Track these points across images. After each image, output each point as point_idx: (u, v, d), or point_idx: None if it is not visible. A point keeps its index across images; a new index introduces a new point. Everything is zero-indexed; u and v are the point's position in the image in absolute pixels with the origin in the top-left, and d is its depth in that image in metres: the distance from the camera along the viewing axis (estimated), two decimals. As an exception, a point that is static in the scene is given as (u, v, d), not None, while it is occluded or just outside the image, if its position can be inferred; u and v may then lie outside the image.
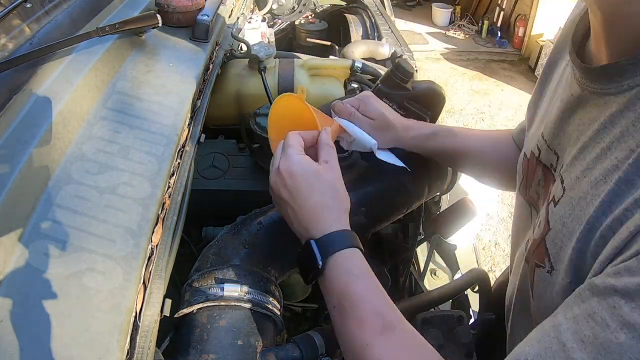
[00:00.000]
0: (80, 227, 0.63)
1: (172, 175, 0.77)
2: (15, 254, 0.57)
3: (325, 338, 0.74)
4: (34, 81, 0.78)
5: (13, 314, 0.52)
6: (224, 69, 1.24)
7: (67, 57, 0.86)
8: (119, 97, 0.85)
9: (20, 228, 0.60)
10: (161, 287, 0.63)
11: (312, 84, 1.29)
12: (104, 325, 0.54)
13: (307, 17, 2.27)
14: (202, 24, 1.12)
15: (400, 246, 1.24)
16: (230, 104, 1.24)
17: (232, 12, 1.46)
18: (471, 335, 0.93)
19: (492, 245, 3.05)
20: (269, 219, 0.81)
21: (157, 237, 0.67)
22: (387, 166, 0.85)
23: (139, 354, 0.55)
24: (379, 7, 2.09)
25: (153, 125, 0.82)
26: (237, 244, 0.76)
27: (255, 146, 1.10)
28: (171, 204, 0.73)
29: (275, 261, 0.78)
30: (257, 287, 0.70)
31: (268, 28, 1.90)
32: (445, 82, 5.15)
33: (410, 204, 0.96)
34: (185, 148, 0.84)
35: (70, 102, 0.77)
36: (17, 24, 0.93)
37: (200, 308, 0.67)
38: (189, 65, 1.02)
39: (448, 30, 6.35)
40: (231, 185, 1.06)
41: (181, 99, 0.91)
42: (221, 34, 1.27)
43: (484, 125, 4.37)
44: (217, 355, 0.62)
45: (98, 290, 0.57)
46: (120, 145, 0.76)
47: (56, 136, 0.71)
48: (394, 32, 1.80)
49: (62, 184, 0.67)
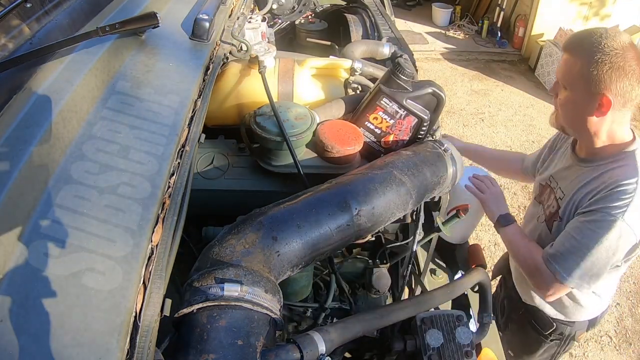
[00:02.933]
0: (80, 227, 0.63)
1: (172, 175, 0.77)
2: (15, 254, 0.57)
3: (325, 338, 0.74)
4: (34, 81, 0.78)
5: (13, 313, 0.52)
6: (224, 69, 1.23)
7: (67, 57, 0.86)
8: (119, 97, 0.85)
9: (20, 227, 0.60)
10: (161, 287, 0.63)
11: (312, 84, 1.29)
12: (104, 325, 0.54)
13: (307, 17, 2.27)
14: (202, 24, 1.12)
15: (400, 246, 1.24)
16: (230, 104, 1.24)
17: (232, 12, 1.46)
18: (471, 335, 0.93)
19: (492, 245, 3.05)
20: (269, 218, 0.81)
21: (157, 237, 0.67)
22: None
23: (139, 354, 0.55)
24: (379, 7, 2.09)
25: (153, 125, 0.82)
26: (237, 243, 0.76)
27: (255, 146, 1.09)
28: (171, 204, 0.73)
29: (275, 261, 0.78)
30: (257, 287, 0.70)
31: (268, 28, 1.90)
32: (445, 82, 5.15)
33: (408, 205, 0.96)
34: (185, 148, 0.84)
35: (70, 102, 0.77)
36: (17, 24, 0.93)
37: (200, 308, 0.66)
38: (189, 65, 1.02)
39: (448, 30, 6.36)
40: (231, 185, 1.06)
41: (181, 99, 0.91)
42: (221, 34, 1.27)
43: (484, 125, 4.38)
44: (217, 355, 0.62)
45: (98, 290, 0.57)
46: (120, 145, 0.76)
47: (56, 136, 0.71)
48: (394, 32, 1.80)
49: (62, 184, 0.67)
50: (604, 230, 1.09)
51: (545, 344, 1.52)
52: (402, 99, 1.08)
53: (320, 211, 0.84)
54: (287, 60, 1.30)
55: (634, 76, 1.06)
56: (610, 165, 1.17)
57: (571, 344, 1.51)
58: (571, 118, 1.19)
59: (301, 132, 1.03)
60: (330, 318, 1.15)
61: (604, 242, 1.09)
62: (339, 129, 1.08)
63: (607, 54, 1.06)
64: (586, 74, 1.08)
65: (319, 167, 1.07)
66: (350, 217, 0.86)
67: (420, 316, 0.96)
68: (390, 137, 1.13)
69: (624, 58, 1.05)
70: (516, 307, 1.57)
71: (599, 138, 1.17)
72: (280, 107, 1.07)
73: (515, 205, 3.23)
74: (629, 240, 1.10)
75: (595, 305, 1.40)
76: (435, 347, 0.92)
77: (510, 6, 5.85)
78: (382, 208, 0.91)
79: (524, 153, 1.74)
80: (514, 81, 5.28)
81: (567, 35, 4.74)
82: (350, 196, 0.87)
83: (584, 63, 1.09)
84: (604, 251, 1.10)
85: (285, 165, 1.05)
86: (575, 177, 1.24)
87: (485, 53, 5.82)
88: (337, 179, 0.94)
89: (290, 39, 2.32)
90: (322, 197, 0.87)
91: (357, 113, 1.14)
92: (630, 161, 1.14)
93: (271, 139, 1.01)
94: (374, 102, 1.10)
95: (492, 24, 6.07)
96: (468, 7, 6.60)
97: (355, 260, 1.28)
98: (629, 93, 1.08)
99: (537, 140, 4.17)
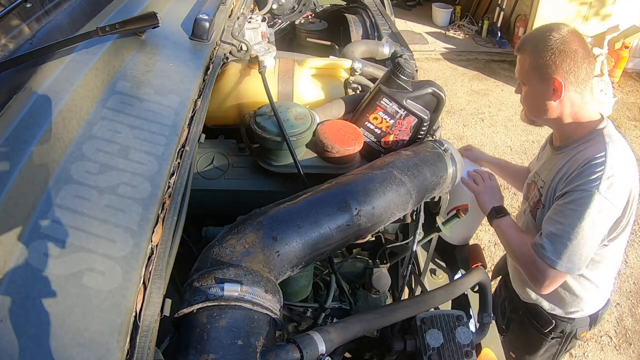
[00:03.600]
0: (80, 227, 0.63)
1: (172, 175, 0.77)
2: (15, 254, 0.57)
3: (325, 338, 0.74)
4: (34, 81, 0.78)
5: (13, 313, 0.52)
6: (224, 69, 1.23)
7: (67, 57, 0.86)
8: (119, 97, 0.85)
9: (20, 227, 0.60)
10: (161, 287, 0.63)
11: (312, 84, 1.29)
12: (104, 325, 0.54)
13: (307, 17, 2.27)
14: (202, 24, 1.12)
15: (400, 246, 1.24)
16: (230, 104, 1.24)
17: (232, 12, 1.46)
18: (471, 335, 0.93)
19: (492, 245, 3.05)
20: (269, 218, 0.81)
21: (157, 237, 0.67)
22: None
23: (139, 354, 0.55)
24: (379, 7, 2.09)
25: (153, 125, 0.82)
26: (237, 243, 0.76)
27: (255, 146, 1.09)
28: (171, 204, 0.73)
29: (275, 261, 0.78)
30: (257, 287, 0.70)
31: (268, 28, 1.90)
32: (445, 82, 5.15)
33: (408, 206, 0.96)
34: (185, 148, 0.84)
35: (70, 102, 0.77)
36: (17, 24, 0.93)
37: (200, 308, 0.66)
38: (189, 65, 1.02)
39: (448, 30, 6.35)
40: (231, 185, 1.06)
41: (181, 99, 0.91)
42: (221, 34, 1.27)
43: (484, 125, 4.38)
44: (217, 355, 0.62)
45: (98, 290, 0.57)
46: (120, 145, 0.76)
47: (56, 136, 0.71)
48: (394, 32, 1.80)
49: (62, 184, 0.67)
50: (583, 207, 1.12)
51: (546, 343, 1.52)
52: (402, 99, 1.08)
53: (320, 211, 0.84)
54: (287, 60, 1.30)
55: (578, 55, 1.15)
56: (581, 146, 1.23)
57: (573, 342, 1.51)
58: (534, 109, 1.29)
59: (301, 132, 1.03)
60: (330, 318, 1.15)
61: (585, 218, 1.12)
62: (339, 129, 1.08)
63: (550, 42, 1.16)
64: (535, 65, 1.19)
65: (319, 167, 1.07)
66: (350, 217, 0.86)
67: (420, 316, 0.96)
68: (390, 137, 1.13)
69: (565, 42, 1.15)
70: (516, 308, 1.57)
71: (564, 121, 1.25)
72: (280, 107, 1.07)
73: (515, 205, 3.23)
74: (609, 213, 1.13)
75: (593, 297, 1.39)
76: (435, 347, 0.92)
77: (510, 6, 5.85)
78: (382, 208, 0.91)
79: None
80: (514, 81, 5.18)
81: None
82: (350, 196, 0.87)
83: (532, 56, 1.20)
84: (588, 228, 1.12)
85: (285, 165, 1.05)
86: (552, 165, 1.30)
87: (485, 53, 5.82)
88: (337, 179, 0.94)
89: (290, 39, 2.32)
90: (322, 197, 0.87)
91: (357, 113, 1.14)
92: (598, 138, 1.20)
93: (271, 139, 1.01)
94: (374, 102, 1.10)
95: (492, 24, 6.07)
96: (468, 7, 6.60)
97: (355, 260, 1.28)
98: (577, 72, 1.16)
99: (537, 140, 4.16)
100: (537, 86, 1.23)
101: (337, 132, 1.06)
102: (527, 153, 4.02)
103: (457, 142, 4.14)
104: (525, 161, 3.87)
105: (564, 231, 1.14)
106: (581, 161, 1.17)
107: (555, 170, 1.27)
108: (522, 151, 4.06)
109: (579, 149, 1.23)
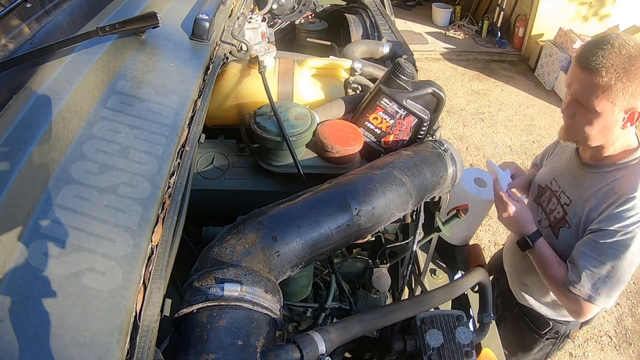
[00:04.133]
0: (80, 227, 0.63)
1: (172, 175, 0.77)
2: (15, 254, 0.57)
3: (325, 338, 0.74)
4: (34, 81, 0.78)
5: (13, 313, 0.52)
6: (224, 69, 1.23)
7: (67, 57, 0.86)
8: (119, 97, 0.85)
9: (20, 227, 0.60)
10: (161, 287, 0.63)
11: (312, 84, 1.29)
12: (104, 325, 0.54)
13: (307, 17, 2.27)
14: (202, 24, 1.12)
15: (400, 246, 1.24)
16: (230, 104, 1.24)
17: (232, 12, 1.46)
18: (471, 335, 0.93)
19: (492, 245, 3.05)
20: (269, 218, 0.81)
21: (157, 237, 0.67)
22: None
23: (139, 354, 0.55)
24: (379, 7, 2.09)
25: (153, 125, 0.82)
26: (237, 243, 0.76)
27: (255, 146, 1.09)
28: (171, 204, 0.73)
29: (275, 261, 0.78)
30: (257, 287, 0.70)
31: (268, 28, 1.90)
32: (445, 82, 5.15)
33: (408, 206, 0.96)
34: (185, 148, 0.84)
35: (70, 102, 0.77)
36: (17, 24, 0.93)
37: (200, 308, 0.66)
38: (189, 65, 1.02)
39: (448, 30, 6.36)
40: (231, 185, 1.06)
41: (181, 99, 0.91)
42: (221, 34, 1.27)
43: (484, 125, 4.38)
44: (217, 355, 0.62)
45: (98, 290, 0.57)
46: (120, 145, 0.76)
47: (56, 136, 0.71)
48: (394, 32, 1.80)
49: (62, 184, 0.67)
50: (626, 247, 1.12)
51: (540, 343, 1.53)
52: (402, 99, 1.08)
53: (320, 211, 0.84)
54: (287, 60, 1.30)
55: None
56: (617, 174, 1.16)
57: (565, 341, 1.53)
58: (601, 137, 1.13)
59: (301, 132, 1.03)
60: (330, 318, 1.15)
61: (627, 258, 1.13)
62: (339, 129, 1.08)
63: (631, 64, 1.00)
64: (623, 92, 1.02)
65: (319, 167, 1.07)
66: (350, 217, 0.86)
67: (420, 316, 0.96)
68: (390, 137, 1.13)
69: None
70: (510, 306, 1.57)
71: (613, 146, 1.17)
72: (280, 107, 1.07)
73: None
74: None
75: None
76: (435, 347, 0.92)
77: (510, 6, 5.85)
78: (382, 208, 0.91)
79: None
80: (514, 81, 5.28)
81: (567, 35, 4.74)
82: (350, 196, 0.87)
83: (621, 82, 1.01)
84: (627, 265, 1.14)
85: (285, 165, 1.05)
86: (582, 184, 1.24)
87: (485, 53, 5.82)
88: (337, 179, 0.94)
89: (290, 39, 2.32)
90: (322, 197, 0.87)
91: (357, 113, 1.14)
92: (633, 169, 1.15)
93: (271, 139, 1.01)
94: (374, 102, 1.10)
95: (492, 24, 6.07)
96: (468, 7, 6.60)
97: (355, 260, 1.28)
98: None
99: (537, 140, 4.17)
100: (614, 115, 1.07)
101: (337, 132, 1.06)
102: (527, 153, 4.02)
103: (457, 142, 4.14)
104: (526, 161, 3.87)
105: (603, 269, 1.15)
106: (617, 197, 1.13)
107: (587, 193, 1.20)
108: (522, 151, 4.06)
109: (615, 176, 1.16)
